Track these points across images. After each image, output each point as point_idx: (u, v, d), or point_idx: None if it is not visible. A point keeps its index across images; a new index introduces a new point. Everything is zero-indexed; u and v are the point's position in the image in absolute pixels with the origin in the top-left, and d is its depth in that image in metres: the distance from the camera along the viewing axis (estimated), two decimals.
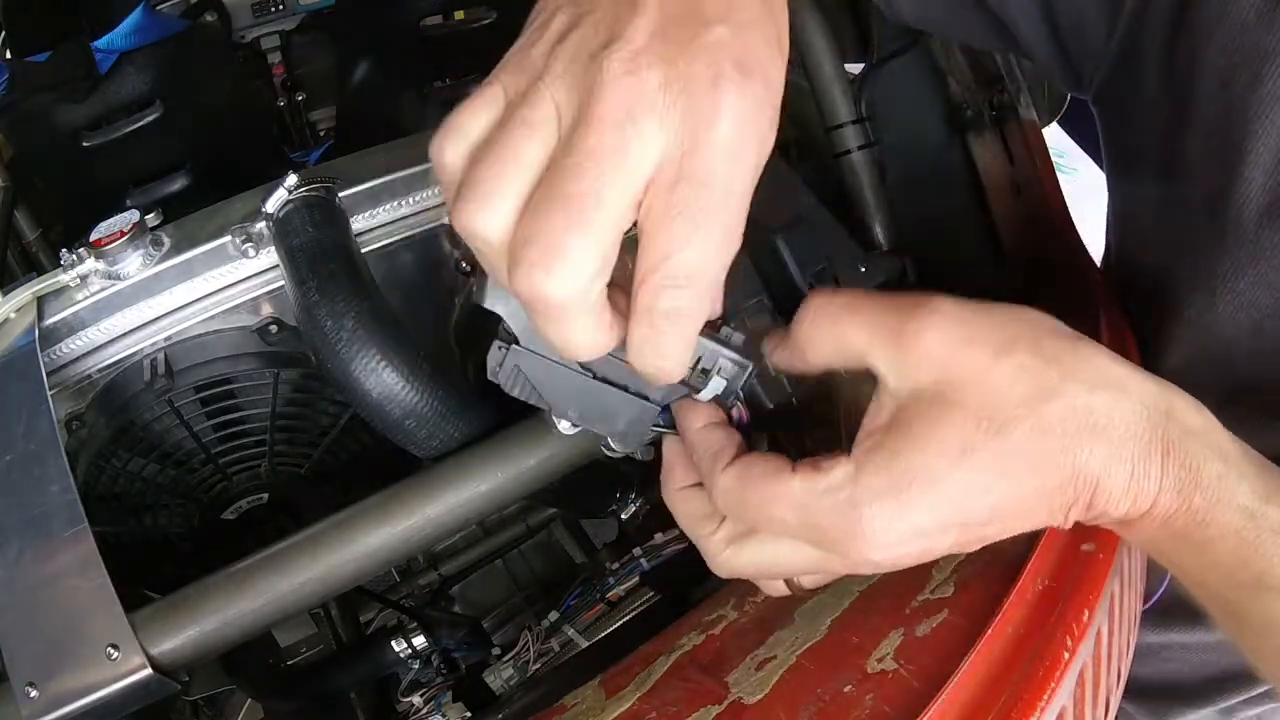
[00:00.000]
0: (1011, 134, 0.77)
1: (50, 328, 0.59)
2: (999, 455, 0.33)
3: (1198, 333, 0.54)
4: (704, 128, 0.30)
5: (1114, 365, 0.35)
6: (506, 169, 0.30)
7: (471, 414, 0.58)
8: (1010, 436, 0.33)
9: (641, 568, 0.86)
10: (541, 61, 0.31)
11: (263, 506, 0.76)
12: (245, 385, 0.67)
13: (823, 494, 0.34)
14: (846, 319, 0.36)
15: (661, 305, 0.31)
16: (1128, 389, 0.35)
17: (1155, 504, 0.34)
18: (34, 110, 1.00)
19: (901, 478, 0.33)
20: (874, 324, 0.35)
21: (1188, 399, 0.36)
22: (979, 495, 0.34)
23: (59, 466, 0.51)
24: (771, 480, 0.35)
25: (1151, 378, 0.36)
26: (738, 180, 0.31)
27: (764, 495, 0.35)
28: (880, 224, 0.80)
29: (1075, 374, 0.34)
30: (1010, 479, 0.34)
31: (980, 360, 0.34)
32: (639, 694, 0.47)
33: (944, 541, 0.34)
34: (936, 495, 0.33)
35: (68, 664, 0.45)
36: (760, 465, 0.36)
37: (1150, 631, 0.84)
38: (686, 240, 0.30)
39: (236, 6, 1.46)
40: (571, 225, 0.29)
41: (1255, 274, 0.49)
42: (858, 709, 0.42)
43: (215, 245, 0.61)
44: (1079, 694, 0.45)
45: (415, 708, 0.82)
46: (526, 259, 0.30)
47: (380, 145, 0.70)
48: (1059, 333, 0.36)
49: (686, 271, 0.31)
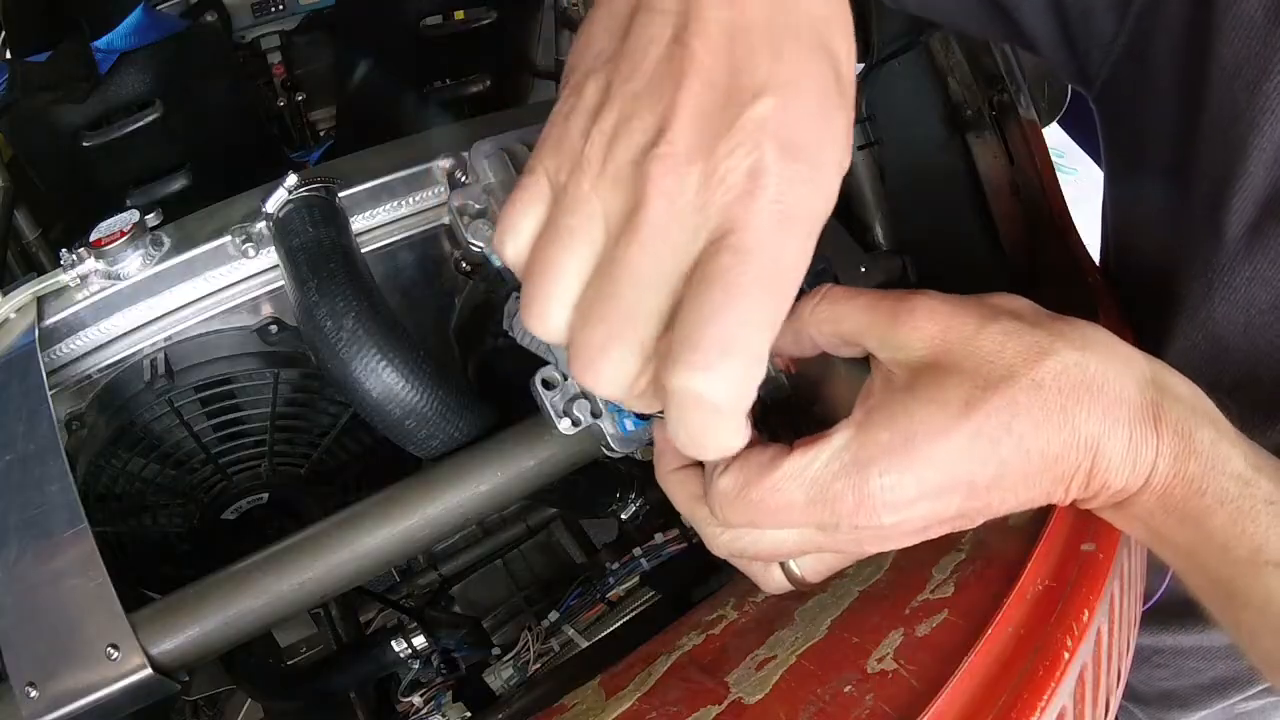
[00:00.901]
0: (1011, 134, 0.77)
1: (50, 328, 0.59)
2: (1001, 409, 0.33)
3: (1193, 328, 0.55)
4: (741, 220, 0.28)
5: (1100, 332, 0.36)
6: (554, 286, 0.31)
7: (471, 414, 0.58)
8: (1009, 392, 0.33)
9: (641, 568, 0.86)
10: (581, 144, 0.31)
11: (263, 506, 0.76)
12: (245, 385, 0.67)
13: (828, 460, 0.34)
14: (845, 302, 0.37)
15: (689, 385, 0.29)
16: (1116, 353, 0.36)
17: (1153, 471, 0.35)
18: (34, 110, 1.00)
19: (906, 430, 0.33)
20: (869, 306, 0.37)
21: (1174, 372, 0.37)
22: (985, 450, 0.33)
23: (59, 466, 0.51)
24: (771, 467, 0.34)
25: (1137, 350, 0.37)
26: (786, 252, 0.29)
27: (767, 485, 0.34)
28: (880, 224, 0.80)
29: (1064, 335, 0.35)
30: (1014, 435, 0.34)
31: (970, 326, 0.35)
32: (639, 694, 0.47)
33: (951, 504, 0.34)
34: (943, 450, 0.33)
35: (68, 664, 0.45)
36: (756, 455, 0.35)
37: (1146, 634, 0.84)
38: (722, 308, 0.28)
39: (236, 6, 1.46)
40: (611, 337, 0.30)
41: (1253, 270, 0.49)
42: (858, 709, 0.42)
43: (215, 245, 0.61)
44: (1079, 694, 0.45)
45: (415, 708, 0.82)
46: (578, 363, 0.31)
47: (380, 145, 0.70)
48: (1045, 311, 0.37)
49: (720, 347, 0.28)
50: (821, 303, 0.38)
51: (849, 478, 0.33)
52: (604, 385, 0.31)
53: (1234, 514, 0.35)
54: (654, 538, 0.86)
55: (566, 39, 1.40)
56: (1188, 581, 0.39)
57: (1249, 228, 0.48)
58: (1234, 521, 0.35)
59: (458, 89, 1.33)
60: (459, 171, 0.63)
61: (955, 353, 0.35)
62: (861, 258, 0.62)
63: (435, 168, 0.66)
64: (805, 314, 0.38)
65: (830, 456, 0.34)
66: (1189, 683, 0.83)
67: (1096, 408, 0.34)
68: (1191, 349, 0.56)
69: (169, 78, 1.06)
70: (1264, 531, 0.34)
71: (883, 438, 0.33)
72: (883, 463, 0.33)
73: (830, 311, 0.38)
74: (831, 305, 0.38)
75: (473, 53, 1.29)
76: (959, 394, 0.34)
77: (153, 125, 1.05)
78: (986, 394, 0.33)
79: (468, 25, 1.26)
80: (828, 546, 0.37)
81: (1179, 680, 0.83)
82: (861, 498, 0.33)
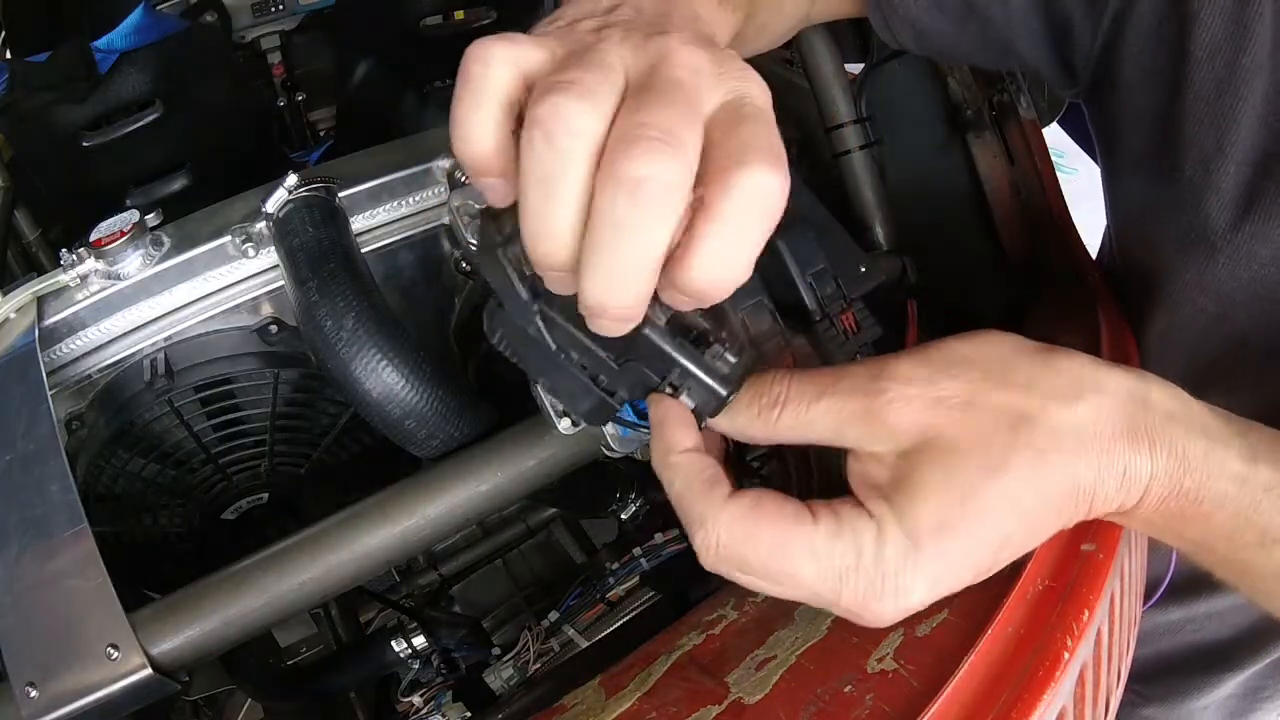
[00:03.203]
0: (1011, 134, 0.77)
1: (50, 328, 0.59)
2: (1005, 494, 0.33)
3: (1199, 292, 0.56)
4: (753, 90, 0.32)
5: (1086, 368, 0.36)
6: (606, 74, 0.30)
7: (471, 414, 0.58)
8: (1010, 473, 0.33)
9: (641, 568, 0.86)
10: (593, 38, 0.32)
11: (263, 506, 0.76)
12: (245, 385, 0.67)
13: (846, 552, 0.33)
14: (809, 407, 0.35)
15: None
16: (1105, 388, 0.35)
17: (1147, 493, 0.35)
18: (34, 110, 0.99)
19: (917, 532, 0.33)
20: (835, 409, 0.35)
21: (1162, 383, 0.37)
22: (994, 535, 0.34)
23: (59, 466, 0.51)
24: (789, 526, 0.33)
25: (1124, 369, 0.36)
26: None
27: (779, 539, 0.33)
28: (880, 224, 0.80)
29: (1053, 392, 0.35)
30: (1020, 512, 0.34)
31: (955, 416, 0.34)
32: (639, 694, 0.47)
33: (954, 587, 0.34)
34: (951, 547, 0.33)
35: (68, 664, 0.45)
36: (773, 505, 0.34)
37: (1176, 608, 0.86)
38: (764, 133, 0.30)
39: (236, 6, 1.45)
40: (681, 116, 0.29)
41: (1252, 228, 0.51)
42: (858, 709, 0.42)
43: (215, 245, 0.61)
44: (1079, 694, 0.45)
45: (415, 708, 0.82)
46: (644, 138, 0.28)
47: (380, 145, 0.70)
48: (1023, 350, 0.36)
49: (776, 155, 0.29)
50: (783, 413, 0.35)
51: (869, 582, 0.33)
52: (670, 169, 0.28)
53: (1235, 510, 0.35)
54: (654, 538, 0.86)
55: None
56: (1197, 561, 0.40)
57: (1245, 187, 0.50)
58: (1235, 516, 0.36)
59: None
60: (459, 171, 0.63)
61: (948, 442, 0.34)
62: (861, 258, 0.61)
63: (435, 168, 0.66)
64: (771, 424, 0.36)
65: (851, 552, 0.33)
66: (1228, 637, 0.87)
67: (1092, 456, 0.34)
68: (1199, 313, 0.57)
69: (169, 78, 1.06)
70: (1267, 517, 0.35)
71: (900, 541, 0.33)
72: (900, 578, 0.33)
73: (794, 420, 0.35)
74: (795, 414, 0.35)
75: None
76: (961, 483, 0.33)
77: (152, 125, 1.05)
78: (988, 481, 0.33)
79: (468, 25, 1.26)
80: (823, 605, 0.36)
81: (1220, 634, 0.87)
82: (869, 597, 0.33)
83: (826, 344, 0.56)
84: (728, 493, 0.35)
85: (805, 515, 0.34)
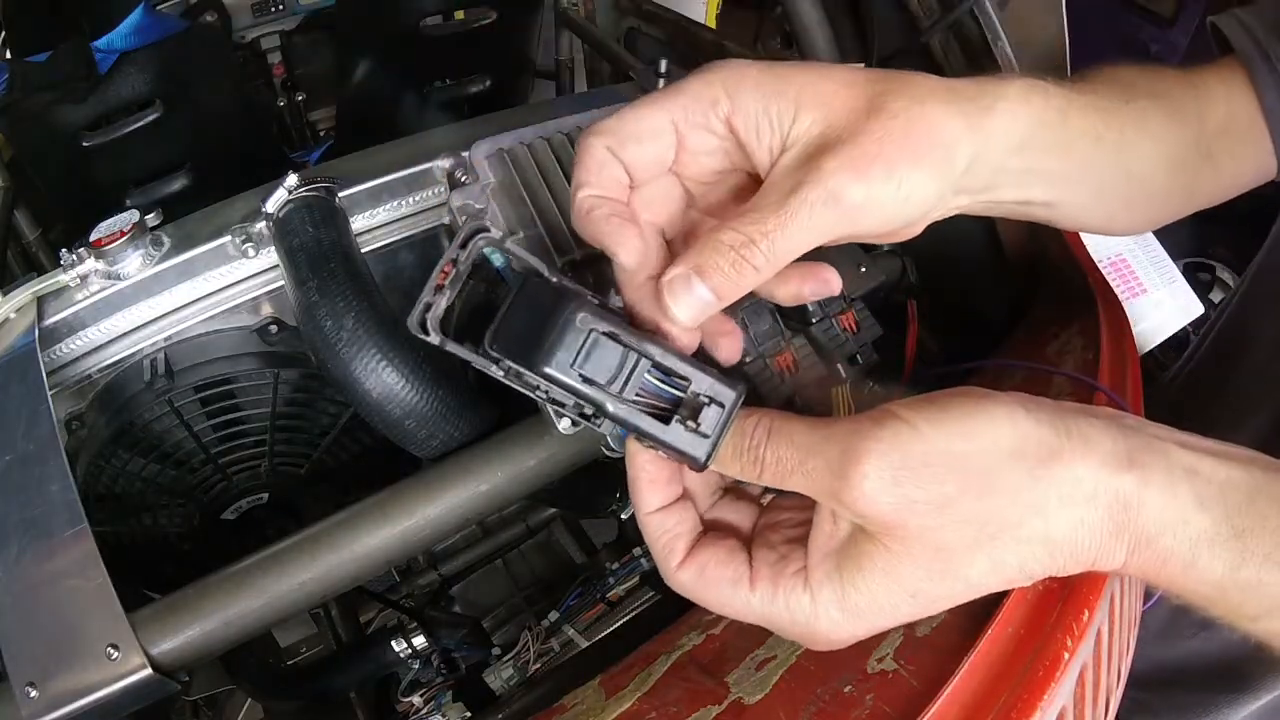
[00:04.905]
0: None
1: (50, 328, 0.59)
2: (949, 594, 0.35)
3: None
4: None
5: (1086, 476, 0.34)
6: None
7: (471, 414, 0.58)
8: (959, 579, 0.34)
9: (641, 568, 0.86)
10: None
11: (263, 506, 0.76)
12: (245, 385, 0.67)
13: (780, 613, 0.36)
14: (785, 480, 0.36)
15: None
16: (1097, 497, 0.34)
17: (1124, 568, 0.35)
18: (34, 110, 0.99)
19: (854, 610, 0.35)
20: (812, 474, 0.35)
21: (1154, 454, 0.35)
22: (930, 609, 0.36)
23: (59, 466, 0.51)
24: (729, 590, 0.37)
25: (1119, 459, 0.34)
26: None
27: (720, 600, 0.38)
28: None
29: (1036, 506, 0.34)
30: (966, 597, 0.35)
31: (922, 521, 0.33)
32: (639, 694, 0.47)
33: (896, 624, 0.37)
34: (889, 620, 0.36)
35: (68, 664, 0.45)
36: (716, 572, 0.38)
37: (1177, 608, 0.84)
38: None
39: (236, 6, 1.46)
40: None
41: None
42: (858, 709, 0.42)
43: (215, 245, 0.61)
44: (1079, 694, 0.45)
45: (415, 708, 0.82)
46: None
47: (380, 145, 0.70)
48: (1025, 452, 0.34)
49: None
50: (763, 477, 0.37)
51: (799, 632, 0.37)
52: None
53: (1218, 580, 0.35)
54: None
55: (566, 39, 1.40)
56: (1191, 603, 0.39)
57: None
58: (1222, 579, 0.35)
59: (458, 89, 1.33)
60: (459, 171, 0.63)
61: (909, 542, 0.34)
62: (861, 258, 0.61)
63: (435, 168, 0.66)
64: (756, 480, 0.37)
65: (784, 612, 0.36)
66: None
67: (1059, 559, 0.35)
68: None
69: (169, 78, 1.06)
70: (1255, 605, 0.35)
71: (834, 614, 0.35)
72: (833, 633, 0.36)
73: (775, 483, 0.37)
74: (774, 480, 0.36)
75: (473, 53, 1.29)
76: (910, 582, 0.34)
77: (152, 125, 1.05)
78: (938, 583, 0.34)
79: (468, 25, 1.26)
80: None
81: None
82: (806, 643, 0.37)
83: (826, 344, 0.56)
84: (677, 563, 0.38)
85: (744, 582, 0.37)
